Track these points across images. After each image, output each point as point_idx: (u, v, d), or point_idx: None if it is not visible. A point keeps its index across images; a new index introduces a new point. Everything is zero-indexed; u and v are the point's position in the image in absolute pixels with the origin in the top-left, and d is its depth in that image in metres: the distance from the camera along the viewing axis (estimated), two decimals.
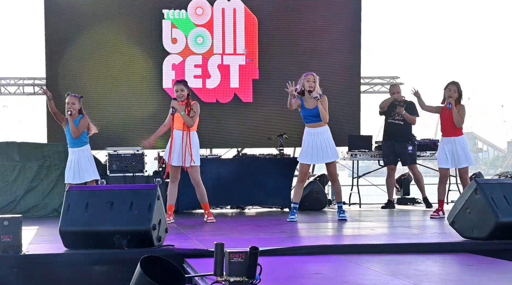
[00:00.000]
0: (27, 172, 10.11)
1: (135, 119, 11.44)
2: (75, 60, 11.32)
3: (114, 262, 5.44)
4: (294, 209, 8.61)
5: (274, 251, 5.59)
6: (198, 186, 8.48)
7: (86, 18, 11.38)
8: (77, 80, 11.26)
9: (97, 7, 11.39)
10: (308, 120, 8.48)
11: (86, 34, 11.36)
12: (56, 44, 11.28)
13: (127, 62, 11.40)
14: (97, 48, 11.38)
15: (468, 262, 5.33)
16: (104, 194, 5.90)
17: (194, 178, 8.47)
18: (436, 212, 8.81)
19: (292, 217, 8.48)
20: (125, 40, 11.22)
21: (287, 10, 11.74)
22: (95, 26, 11.38)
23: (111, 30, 11.39)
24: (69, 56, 11.32)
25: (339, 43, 12.00)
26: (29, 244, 6.18)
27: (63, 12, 11.31)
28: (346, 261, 5.32)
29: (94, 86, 11.36)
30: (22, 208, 9.93)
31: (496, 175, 13.39)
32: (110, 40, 11.37)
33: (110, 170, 10.22)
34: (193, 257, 5.44)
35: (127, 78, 11.45)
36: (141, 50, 10.90)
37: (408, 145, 10.59)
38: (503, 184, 6.35)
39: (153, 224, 5.60)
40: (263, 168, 10.52)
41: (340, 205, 8.68)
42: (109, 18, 11.39)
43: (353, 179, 11.68)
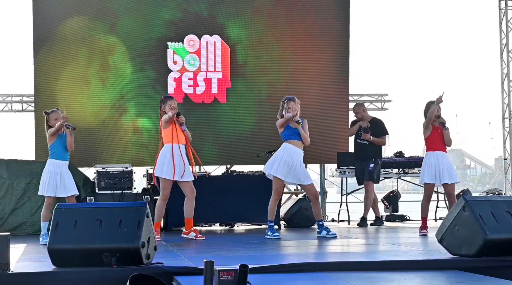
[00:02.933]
0: (15, 189, 10.08)
1: (124, 136, 11.44)
2: (64, 77, 11.31)
3: (103, 280, 5.40)
4: (270, 227, 8.60)
5: (263, 269, 5.58)
6: (194, 198, 8.50)
7: (75, 35, 11.37)
8: (66, 97, 11.23)
9: (85, 24, 11.40)
10: (290, 138, 8.49)
11: (74, 51, 11.36)
12: (45, 61, 11.26)
13: (117, 79, 11.45)
14: (85, 65, 11.38)
15: (457, 279, 5.35)
16: (93, 211, 5.87)
17: (193, 191, 8.49)
18: (425, 229, 8.83)
19: (276, 235, 8.47)
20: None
21: (273, 28, 11.84)
22: (84, 43, 11.39)
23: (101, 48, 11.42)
24: (57, 73, 11.30)
25: (328, 61, 12.05)
26: (17, 262, 6.14)
27: (51, 29, 11.31)
28: (334, 278, 5.32)
29: (82, 102, 11.35)
30: (9, 225, 9.89)
31: (483, 192, 13.45)
32: (100, 57, 11.40)
33: (98, 187, 10.17)
34: (182, 274, 5.41)
35: (116, 95, 11.47)
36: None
37: (370, 162, 10.67)
38: (491, 201, 6.37)
39: (142, 242, 5.59)
40: (252, 185, 10.52)
41: (321, 223, 8.65)
42: (99, 35, 11.42)
43: (342, 195, 11.70)
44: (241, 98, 11.85)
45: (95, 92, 11.43)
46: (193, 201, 8.51)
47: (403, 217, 12.06)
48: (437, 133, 8.91)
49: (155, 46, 11.58)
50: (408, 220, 12.02)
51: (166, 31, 11.61)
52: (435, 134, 8.91)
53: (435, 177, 8.81)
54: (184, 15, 11.69)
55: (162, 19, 11.63)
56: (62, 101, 11.00)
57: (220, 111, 11.75)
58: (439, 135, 8.90)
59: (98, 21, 11.48)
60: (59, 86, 11.30)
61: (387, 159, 11.50)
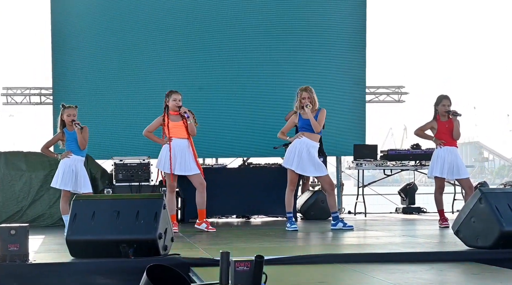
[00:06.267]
0: (34, 181, 10.16)
1: (141, 128, 11.49)
2: (82, 70, 11.39)
3: (120, 271, 5.45)
4: (289, 218, 8.63)
5: (279, 260, 5.61)
6: (204, 190, 8.50)
7: (93, 29, 11.44)
8: (84, 90, 11.31)
9: (102, 19, 11.46)
10: (304, 130, 8.50)
11: (92, 44, 11.43)
12: (63, 54, 11.34)
13: (133, 71, 11.49)
14: (103, 58, 11.44)
15: (473, 271, 5.35)
16: (111, 203, 5.93)
17: (202, 183, 8.50)
18: (445, 221, 8.78)
19: (294, 226, 8.51)
20: (130, 50, 11.32)
21: (292, 19, 11.83)
22: (101, 36, 11.45)
23: (118, 41, 11.48)
24: (75, 66, 11.38)
25: (344, 54, 12.04)
26: (35, 253, 6.21)
27: (69, 23, 11.38)
28: (351, 270, 5.34)
29: (100, 95, 11.42)
30: (28, 217, 9.97)
31: (501, 184, 13.40)
32: (117, 50, 11.45)
33: (116, 179, 10.23)
34: (198, 265, 5.46)
35: (133, 88, 11.52)
36: (146, 60, 11.27)
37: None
38: (507, 193, 6.35)
39: (159, 233, 5.63)
40: (268, 177, 10.54)
41: (336, 215, 8.68)
42: (116, 29, 11.48)
43: (359, 188, 11.70)
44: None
45: (113, 84, 11.46)
46: (203, 193, 8.51)
47: (420, 209, 12.05)
48: (445, 128, 8.77)
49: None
50: (425, 212, 12.00)
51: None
52: (442, 129, 8.77)
53: (443, 170, 8.72)
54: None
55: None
56: (80, 94, 11.08)
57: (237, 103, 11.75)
58: (447, 130, 8.75)
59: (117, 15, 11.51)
60: (78, 79, 11.38)
61: (404, 151, 11.49)
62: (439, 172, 8.75)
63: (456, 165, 8.73)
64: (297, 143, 8.45)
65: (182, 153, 8.46)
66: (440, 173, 8.75)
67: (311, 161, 8.44)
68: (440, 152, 8.77)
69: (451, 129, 8.75)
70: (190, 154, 8.48)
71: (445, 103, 8.80)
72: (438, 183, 8.85)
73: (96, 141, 10.45)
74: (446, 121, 8.80)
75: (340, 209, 12.32)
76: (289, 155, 8.52)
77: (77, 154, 8.40)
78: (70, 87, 11.31)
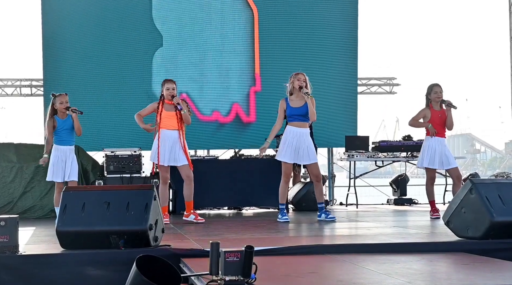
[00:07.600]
0: (24, 173, 10.13)
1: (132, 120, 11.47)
2: (73, 61, 11.36)
3: (110, 262, 5.44)
4: (281, 210, 8.63)
5: (270, 251, 5.61)
6: (191, 183, 8.48)
7: (84, 19, 11.41)
8: (75, 81, 11.29)
9: (93, 10, 11.44)
10: (292, 119, 8.44)
11: (83, 35, 11.40)
12: (54, 45, 11.31)
13: (124, 63, 11.47)
14: (94, 49, 11.42)
15: (463, 261, 5.36)
16: (101, 194, 5.91)
17: (188, 175, 8.48)
18: (436, 212, 8.78)
19: (285, 218, 8.51)
20: (121, 41, 11.30)
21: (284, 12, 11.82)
22: (92, 27, 11.42)
23: (109, 32, 11.45)
24: (66, 57, 11.36)
25: (336, 45, 12.04)
26: (25, 244, 6.19)
27: (60, 14, 11.35)
28: (341, 261, 5.34)
29: (91, 87, 11.39)
30: (19, 209, 9.95)
31: (492, 176, 13.45)
32: (108, 41, 11.43)
33: (107, 171, 10.22)
34: (189, 257, 5.45)
35: (124, 79, 11.50)
36: (137, 52, 11.29)
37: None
38: (498, 183, 6.36)
39: (150, 224, 5.62)
40: (260, 168, 10.54)
41: (322, 206, 8.68)
42: (106, 21, 11.45)
43: (350, 179, 11.71)
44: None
45: (104, 75, 11.44)
46: (190, 185, 8.49)
47: (411, 200, 12.08)
48: (437, 117, 8.70)
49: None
50: (416, 203, 12.03)
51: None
52: (435, 119, 8.69)
53: (433, 161, 8.69)
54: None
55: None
56: (71, 85, 11.04)
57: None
58: (440, 120, 8.70)
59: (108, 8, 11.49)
60: (69, 70, 11.34)
61: (395, 142, 11.50)
62: (429, 162, 8.72)
63: (445, 155, 8.72)
64: (289, 135, 8.43)
65: (172, 144, 8.43)
66: (430, 163, 8.72)
67: (304, 149, 8.41)
68: (431, 142, 8.73)
69: (444, 120, 8.70)
70: (180, 145, 8.45)
71: (436, 90, 8.74)
72: (429, 174, 8.84)
73: (87, 133, 10.41)
74: (439, 111, 8.73)
75: (332, 200, 12.34)
76: (281, 148, 8.51)
77: (66, 143, 8.30)
78: (61, 79, 11.28)
